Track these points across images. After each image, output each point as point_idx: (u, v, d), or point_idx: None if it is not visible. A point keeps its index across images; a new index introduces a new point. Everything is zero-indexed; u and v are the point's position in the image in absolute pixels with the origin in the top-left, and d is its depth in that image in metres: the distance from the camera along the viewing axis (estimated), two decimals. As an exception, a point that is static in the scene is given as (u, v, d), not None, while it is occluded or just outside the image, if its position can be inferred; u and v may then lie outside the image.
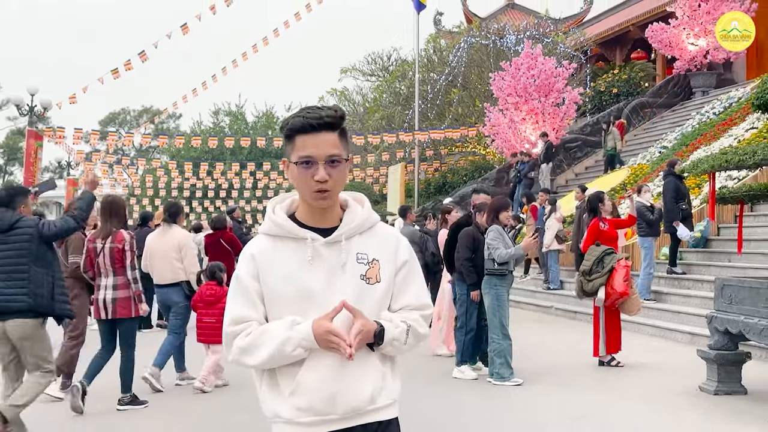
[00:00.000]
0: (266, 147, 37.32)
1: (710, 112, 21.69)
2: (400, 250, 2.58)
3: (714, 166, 7.26)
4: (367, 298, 2.45)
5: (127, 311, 7.40)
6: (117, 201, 7.88)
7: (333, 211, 2.52)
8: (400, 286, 2.55)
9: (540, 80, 23.81)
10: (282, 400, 2.43)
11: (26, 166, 24.37)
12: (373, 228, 2.57)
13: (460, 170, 29.89)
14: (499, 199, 8.78)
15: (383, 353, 2.49)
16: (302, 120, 2.42)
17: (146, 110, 64.15)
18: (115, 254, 7.37)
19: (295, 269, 2.43)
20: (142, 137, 36.04)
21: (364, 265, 2.47)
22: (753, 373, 8.24)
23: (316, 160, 2.39)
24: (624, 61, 32.73)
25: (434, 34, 39.33)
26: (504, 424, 6.94)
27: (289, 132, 2.45)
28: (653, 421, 6.94)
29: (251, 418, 6.79)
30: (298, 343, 2.35)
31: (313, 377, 2.39)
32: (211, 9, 27.37)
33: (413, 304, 2.56)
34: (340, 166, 2.43)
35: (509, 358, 8.47)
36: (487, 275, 8.43)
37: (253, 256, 2.49)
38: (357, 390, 2.42)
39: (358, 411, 2.43)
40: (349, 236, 2.48)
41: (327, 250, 2.45)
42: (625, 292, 8.95)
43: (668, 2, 26.77)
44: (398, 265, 2.55)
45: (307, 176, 2.40)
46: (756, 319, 7.30)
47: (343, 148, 2.46)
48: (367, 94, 41.36)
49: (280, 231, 2.48)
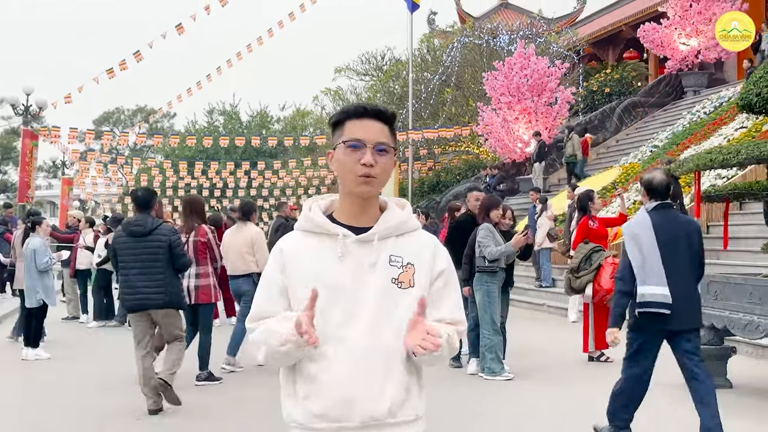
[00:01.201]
0: (261, 146, 37.40)
1: (701, 111, 21.89)
2: (438, 258, 2.47)
3: (699, 165, 7.42)
4: (399, 303, 2.34)
5: (207, 297, 8.48)
6: (196, 200, 9.17)
7: (372, 209, 2.44)
8: (436, 296, 2.44)
9: (533, 80, 23.97)
10: (297, 403, 2.34)
11: (22, 165, 24.42)
12: (413, 233, 2.46)
13: (454, 169, 30.05)
14: (489, 198, 8.93)
15: (417, 362, 2.37)
16: (356, 105, 2.42)
17: (140, 109, 64.13)
18: (198, 246, 8.45)
19: (323, 264, 2.36)
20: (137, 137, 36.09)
21: (398, 268, 2.37)
22: (738, 367, 8.43)
23: (365, 143, 2.35)
24: (617, 60, 32.93)
25: (428, 34, 39.44)
26: (494, 418, 7.10)
27: (340, 116, 2.43)
28: (640, 414, 7.08)
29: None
30: (286, 338, 2.25)
31: (329, 380, 2.29)
32: (206, 9, 27.49)
33: (449, 318, 2.45)
34: (387, 155, 2.39)
35: (500, 353, 8.62)
36: (478, 272, 8.58)
37: (282, 250, 2.44)
38: (377, 398, 2.29)
39: (377, 421, 2.30)
40: (383, 237, 2.39)
41: (358, 248, 2.37)
42: (611, 289, 9.09)
43: (660, 2, 26.96)
44: (435, 274, 2.44)
45: (354, 159, 2.34)
46: (740, 315, 7.48)
47: (392, 140, 2.43)
48: (361, 93, 41.42)
49: (313, 227, 2.42)
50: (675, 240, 5.78)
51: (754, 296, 7.36)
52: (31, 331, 10.56)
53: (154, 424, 6.97)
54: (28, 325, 10.61)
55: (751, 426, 6.59)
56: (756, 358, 9.51)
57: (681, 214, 6.52)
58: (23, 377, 9.46)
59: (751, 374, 8.56)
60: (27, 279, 10.51)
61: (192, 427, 6.89)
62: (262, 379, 8.68)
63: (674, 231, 5.82)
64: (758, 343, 9.28)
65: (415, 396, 2.39)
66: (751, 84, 7.39)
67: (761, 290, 7.28)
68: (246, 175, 35.79)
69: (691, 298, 5.81)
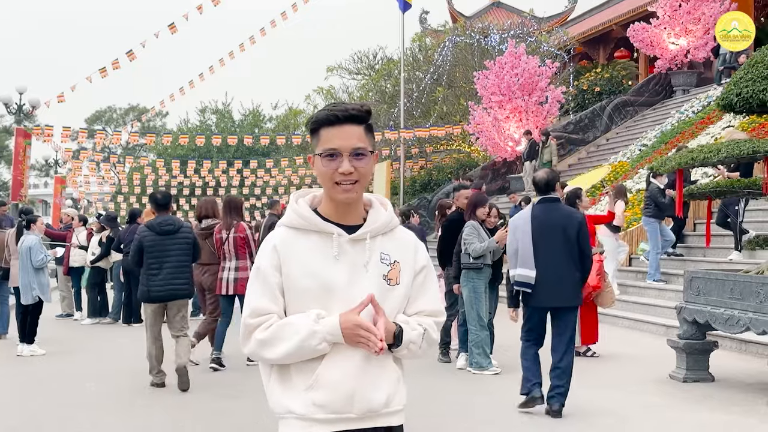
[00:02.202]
0: (253, 145, 37.51)
1: (689, 110, 22.07)
2: (419, 255, 2.56)
3: (681, 163, 7.60)
4: (388, 299, 2.43)
5: (244, 289, 9.01)
6: (235, 199, 9.93)
7: (356, 208, 2.49)
8: (417, 290, 2.53)
9: (523, 79, 24.13)
10: (295, 394, 2.38)
11: (15, 164, 24.45)
12: (394, 231, 2.54)
13: (446, 168, 30.20)
14: (476, 195, 9.10)
15: (397, 356, 2.49)
16: (327, 113, 2.40)
17: (132, 108, 64.07)
18: (238, 242, 9.11)
19: (319, 264, 2.39)
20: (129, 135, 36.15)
21: (387, 265, 2.45)
22: (720, 361, 8.62)
23: (341, 152, 2.36)
24: (607, 59, 33.11)
25: (420, 33, 39.59)
26: (480, 411, 7.25)
27: (314, 125, 2.43)
28: (625, 406, 7.28)
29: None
30: (324, 336, 2.32)
31: (333, 373, 2.35)
32: (198, 8, 27.54)
33: (428, 310, 2.54)
34: (365, 159, 2.40)
35: (487, 348, 8.79)
36: (463, 269, 8.76)
37: (275, 247, 2.44)
38: (375, 390, 2.40)
39: (374, 412, 2.41)
40: (374, 235, 2.46)
41: (352, 247, 2.42)
42: (597, 286, 9.27)
43: (649, 2, 27.14)
44: (417, 269, 2.54)
45: (332, 169, 2.37)
46: (722, 310, 7.67)
47: (368, 141, 2.43)
48: (353, 92, 41.53)
49: (304, 224, 2.44)
50: (550, 230, 6.67)
51: (734, 292, 7.55)
52: (26, 328, 10.69)
53: (149, 414, 7.12)
54: (23, 321, 10.73)
55: (732, 419, 6.75)
56: (739, 353, 9.70)
57: (564, 207, 7.17)
58: (19, 372, 9.57)
59: (734, 368, 8.75)
60: (22, 276, 10.64)
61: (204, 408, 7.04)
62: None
63: (551, 222, 6.70)
64: (741, 338, 9.48)
65: (402, 387, 2.50)
66: (732, 84, 7.57)
67: (741, 286, 7.47)
68: (238, 173, 35.91)
69: (563, 280, 6.65)
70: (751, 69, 7.36)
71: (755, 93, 7.19)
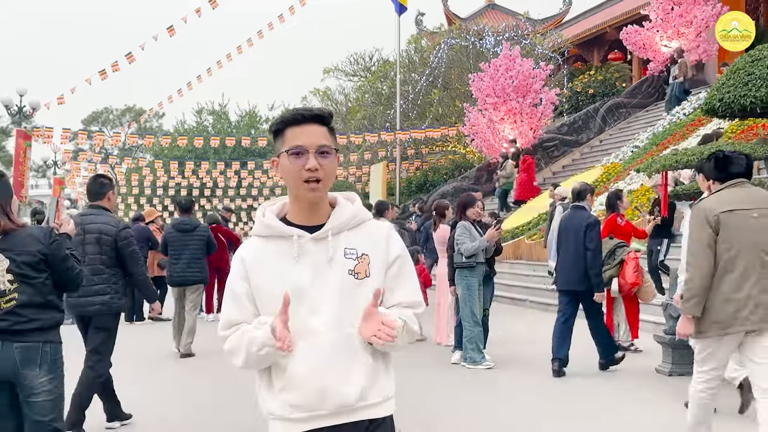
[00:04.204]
0: (250, 146, 37.76)
1: (680, 112, 22.34)
2: (392, 246, 2.56)
3: (665, 165, 7.91)
4: (357, 293, 2.44)
5: None
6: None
7: (322, 208, 2.53)
8: (392, 282, 2.53)
9: (518, 81, 24.42)
10: (273, 396, 2.45)
11: (15, 165, 24.66)
12: (364, 224, 2.55)
13: (441, 169, 30.49)
14: (466, 196, 9.44)
15: (378, 349, 2.47)
16: (293, 113, 2.49)
17: (129, 109, 64.18)
18: None
19: (282, 267, 2.44)
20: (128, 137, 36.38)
21: (353, 260, 2.46)
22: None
23: (307, 149, 2.42)
24: (601, 61, 33.43)
25: (416, 35, 39.85)
26: (473, 403, 7.54)
27: (279, 125, 2.49)
28: (613, 399, 7.58)
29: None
30: (263, 342, 2.36)
31: (301, 372, 2.40)
32: (197, 11, 27.82)
33: (406, 302, 2.54)
34: (329, 156, 2.46)
35: (480, 344, 9.11)
36: (457, 268, 9.09)
37: (242, 258, 2.52)
38: (345, 384, 2.41)
39: (348, 407, 2.42)
40: (336, 232, 2.48)
41: (314, 246, 2.46)
42: (636, 282, 9.52)
43: (642, 5, 27.44)
44: (390, 261, 2.54)
45: (298, 166, 2.43)
46: (705, 306, 7.94)
47: (332, 142, 2.50)
48: (349, 94, 41.81)
49: (268, 231, 2.51)
50: (568, 230, 8.66)
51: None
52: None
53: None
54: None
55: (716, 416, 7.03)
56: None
57: (582, 213, 8.75)
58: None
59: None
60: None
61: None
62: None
63: (569, 223, 8.71)
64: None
65: (382, 378, 2.51)
66: (715, 90, 7.89)
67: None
68: (236, 174, 36.15)
69: (573, 269, 8.53)
70: (732, 76, 7.68)
71: (736, 98, 7.51)
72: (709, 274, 4.80)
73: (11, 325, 4.06)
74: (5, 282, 4.05)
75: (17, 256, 4.08)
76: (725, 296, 4.76)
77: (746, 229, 4.78)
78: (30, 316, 4.09)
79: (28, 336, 4.08)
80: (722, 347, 4.90)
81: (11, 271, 4.06)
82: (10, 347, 4.05)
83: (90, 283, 6.12)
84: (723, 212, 4.82)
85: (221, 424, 6.95)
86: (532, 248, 17.68)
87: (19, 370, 4.06)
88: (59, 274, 4.25)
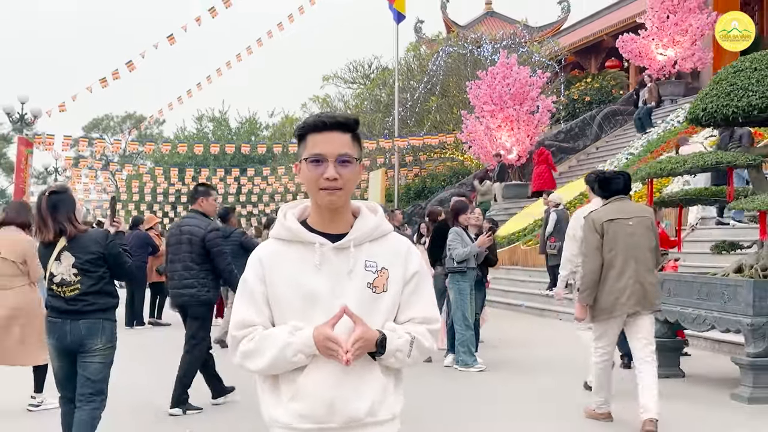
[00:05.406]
0: (250, 153, 37.97)
1: (674, 120, 22.57)
2: (411, 261, 2.51)
3: (650, 173, 8.13)
4: (373, 307, 2.40)
5: None
6: None
7: (344, 216, 2.47)
8: (408, 297, 2.48)
9: (515, 89, 24.61)
10: (280, 404, 2.40)
11: (17, 172, 24.98)
12: (386, 237, 2.50)
13: (439, 176, 30.70)
14: (458, 203, 9.68)
15: (385, 365, 2.43)
16: (315, 119, 2.41)
17: (129, 116, 64.44)
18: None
19: (302, 273, 2.39)
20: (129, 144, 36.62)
21: (373, 273, 2.41)
22: (689, 358, 9.14)
23: (327, 158, 2.36)
24: (599, 69, 33.69)
25: (414, 43, 40.09)
26: (465, 404, 7.74)
27: (301, 131, 2.44)
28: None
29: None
30: (299, 348, 2.32)
31: (312, 383, 2.35)
32: (197, 20, 28.08)
33: (420, 317, 2.48)
34: (350, 166, 2.39)
35: (472, 347, 9.34)
36: (449, 273, 9.33)
37: (260, 259, 2.46)
38: (356, 399, 2.36)
39: (358, 422, 2.38)
40: (358, 243, 2.43)
41: (335, 255, 2.40)
42: None
43: (638, 13, 27.71)
44: (408, 277, 2.48)
45: (317, 174, 2.37)
46: (690, 310, 8.19)
47: (355, 150, 2.42)
48: (348, 101, 42.01)
49: (289, 235, 2.45)
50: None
51: (701, 293, 8.07)
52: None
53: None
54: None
55: (700, 414, 7.20)
56: (712, 351, 10.21)
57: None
58: (26, 371, 9.97)
59: (703, 365, 9.26)
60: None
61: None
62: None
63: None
64: (713, 337, 9.99)
65: (391, 395, 2.47)
66: (699, 99, 8.12)
67: (707, 287, 8.00)
68: (236, 181, 36.35)
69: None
70: (715, 86, 7.91)
71: (719, 108, 7.73)
72: (598, 270, 6.28)
73: (78, 308, 5.09)
74: (71, 275, 5.09)
75: (82, 255, 5.10)
76: (609, 288, 6.25)
77: (623, 233, 6.24)
78: (91, 300, 5.12)
79: (90, 315, 5.11)
80: (611, 327, 6.43)
81: (75, 267, 5.10)
82: (77, 324, 5.08)
83: (182, 278, 7.24)
84: (606, 221, 6.27)
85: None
86: (528, 254, 17.92)
87: (84, 340, 5.07)
88: (113, 268, 5.24)
